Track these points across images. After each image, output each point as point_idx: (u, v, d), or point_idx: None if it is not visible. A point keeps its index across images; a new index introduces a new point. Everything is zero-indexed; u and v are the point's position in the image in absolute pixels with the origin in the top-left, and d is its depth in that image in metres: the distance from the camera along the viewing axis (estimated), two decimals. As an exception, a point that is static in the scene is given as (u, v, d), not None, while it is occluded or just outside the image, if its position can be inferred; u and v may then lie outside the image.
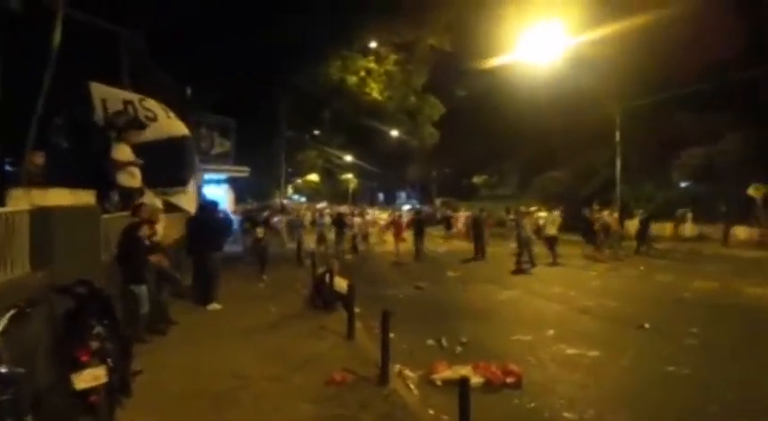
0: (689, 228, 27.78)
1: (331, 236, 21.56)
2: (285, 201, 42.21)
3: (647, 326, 9.21)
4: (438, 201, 53.24)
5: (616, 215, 22.36)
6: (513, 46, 27.58)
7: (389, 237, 23.59)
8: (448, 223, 31.12)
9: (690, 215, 27.43)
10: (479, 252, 20.61)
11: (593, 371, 7.03)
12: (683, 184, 32.09)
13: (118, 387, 4.73)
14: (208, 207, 11.64)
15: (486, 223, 21.36)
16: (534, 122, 37.24)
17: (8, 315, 3.26)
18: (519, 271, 16.51)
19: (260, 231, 15.97)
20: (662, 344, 8.33)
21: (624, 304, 11.44)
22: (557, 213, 21.05)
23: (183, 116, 11.43)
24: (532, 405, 5.90)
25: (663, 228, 29.09)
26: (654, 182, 32.26)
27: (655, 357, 7.60)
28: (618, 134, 28.51)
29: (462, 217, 31.22)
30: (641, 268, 17.00)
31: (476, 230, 21.58)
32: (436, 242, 26.55)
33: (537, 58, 26.50)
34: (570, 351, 7.94)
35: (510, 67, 30.04)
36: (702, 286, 13.51)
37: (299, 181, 64.62)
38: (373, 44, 35.46)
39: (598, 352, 7.83)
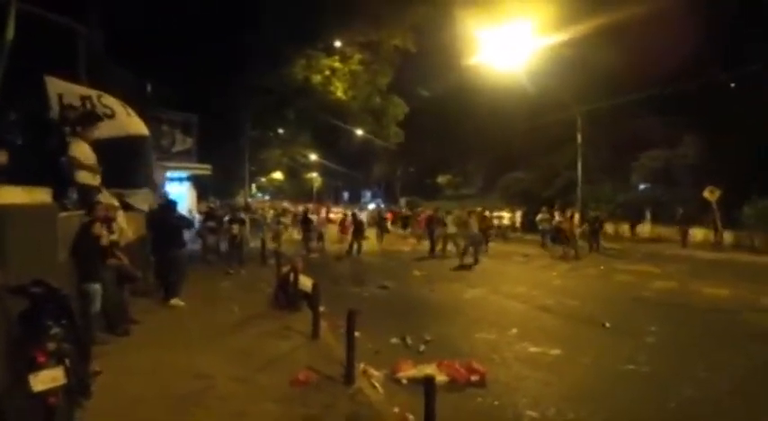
0: (647, 229, 28.51)
1: (292, 235, 21.60)
2: (249, 200, 41.80)
3: (607, 324, 9.41)
4: (403, 201, 53.43)
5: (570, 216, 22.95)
6: (477, 47, 27.81)
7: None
8: (404, 222, 31.62)
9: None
10: (433, 250, 21.52)
11: (555, 370, 7.14)
12: (641, 186, 32.87)
13: (77, 388, 4.60)
14: (167, 205, 11.48)
15: (441, 222, 21.94)
16: (498, 123, 37.72)
17: (-40, 315, 3.14)
18: (462, 267, 17.45)
19: (235, 228, 16.13)
20: (622, 342, 8.51)
21: (585, 303, 11.66)
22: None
23: (142, 112, 11.19)
24: (496, 403, 5.96)
25: (622, 229, 29.81)
26: (613, 183, 32.96)
27: (615, 355, 7.76)
28: (579, 136, 29.04)
29: (424, 216, 31.59)
30: (601, 268, 17.35)
31: (430, 229, 22.38)
32: (399, 241, 26.73)
33: (501, 59, 26.79)
34: (533, 349, 8.05)
35: (474, 68, 30.26)
36: (661, 286, 13.85)
37: (263, 179, 64.14)
38: (338, 43, 35.35)
39: (560, 350, 7.95)
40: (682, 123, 28.69)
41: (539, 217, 25.17)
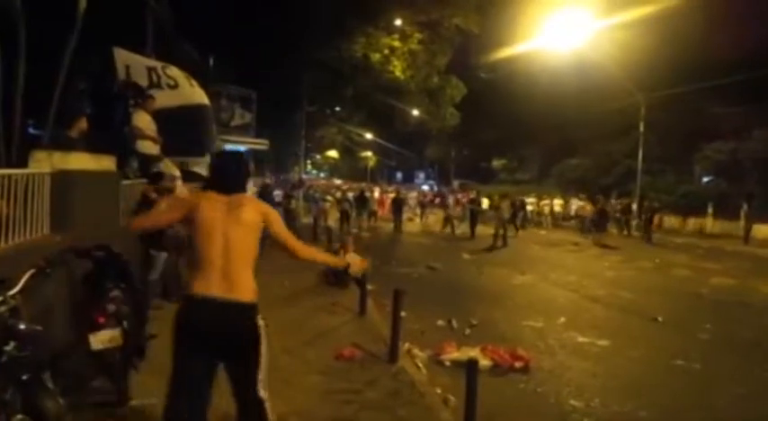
0: (709, 224, 27.49)
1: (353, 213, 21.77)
2: (304, 176, 42.35)
3: (660, 319, 9.17)
4: (456, 183, 53.09)
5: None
6: (538, 30, 27.19)
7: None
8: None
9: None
10: (474, 233, 21.94)
11: (602, 361, 7.03)
12: (705, 179, 31.65)
13: (132, 349, 4.82)
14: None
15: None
16: (557, 109, 36.86)
17: (29, 273, 3.32)
18: (492, 247, 18.78)
19: (293, 203, 16.93)
20: (674, 337, 8.31)
21: (638, 296, 11.38)
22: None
23: (204, 86, 11.47)
24: (539, 390, 5.93)
25: (682, 223, 28.84)
26: (675, 175, 31.84)
27: (666, 350, 7.57)
28: (642, 124, 28.13)
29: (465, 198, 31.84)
30: (657, 261, 16.88)
31: (472, 210, 23.00)
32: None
33: (562, 43, 26.16)
34: (580, 339, 7.94)
35: (535, 51, 29.62)
36: (719, 282, 13.38)
37: (318, 157, 64.72)
38: (398, 22, 35.05)
39: (608, 341, 7.82)
40: (753, 114, 27.31)
41: (576, 204, 27.34)
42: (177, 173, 8.76)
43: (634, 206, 27.54)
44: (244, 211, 3.24)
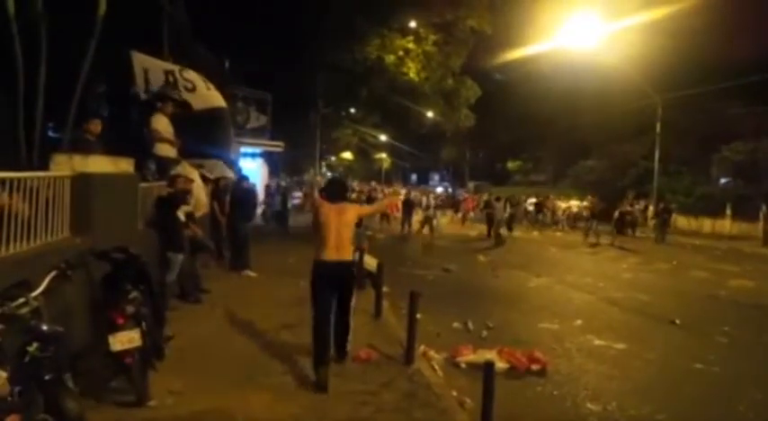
0: (727, 225, 27.19)
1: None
2: (319, 178, 42.50)
3: (677, 321, 9.07)
4: (471, 185, 52.96)
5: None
6: (553, 31, 27.07)
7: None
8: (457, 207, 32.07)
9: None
10: (490, 234, 21.68)
11: (619, 364, 6.98)
12: (722, 180, 31.29)
13: (151, 350, 4.88)
14: (240, 180, 11.98)
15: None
16: (572, 110, 36.68)
17: (50, 275, 3.37)
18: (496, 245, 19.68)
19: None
20: (692, 340, 8.23)
21: (655, 298, 11.28)
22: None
23: (220, 89, 11.57)
24: (555, 393, 5.90)
25: (700, 225, 28.55)
26: (692, 175, 31.51)
27: (683, 353, 7.50)
28: (658, 125, 27.87)
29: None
30: (674, 263, 16.72)
31: (488, 213, 22.72)
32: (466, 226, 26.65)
33: (577, 44, 26.02)
34: (597, 342, 7.89)
35: (549, 53, 29.50)
36: (738, 285, 13.23)
37: (333, 158, 64.86)
38: (413, 24, 35.07)
39: (625, 344, 7.76)
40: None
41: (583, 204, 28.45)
42: (195, 175, 8.85)
43: (651, 207, 27.40)
44: (346, 214, 5.75)
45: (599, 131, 35.96)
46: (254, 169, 24.59)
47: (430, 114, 38.42)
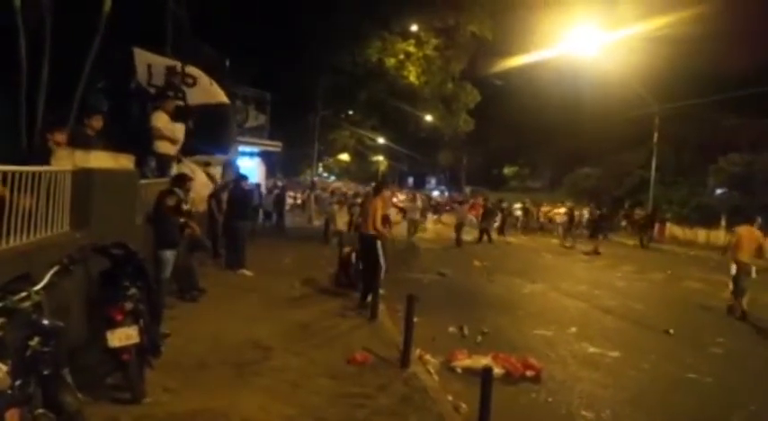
0: (723, 237, 27.28)
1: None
2: (315, 179, 42.51)
3: (671, 331, 9.09)
4: (468, 189, 53.03)
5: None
6: (553, 39, 27.19)
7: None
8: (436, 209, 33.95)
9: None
10: (482, 236, 22.74)
11: (613, 372, 7.00)
12: (718, 191, 31.41)
13: (148, 347, 4.87)
14: (238, 179, 11.95)
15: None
16: (570, 117, 36.87)
17: (53, 270, 3.37)
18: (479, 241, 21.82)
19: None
20: (685, 350, 8.25)
21: (649, 307, 11.33)
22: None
23: (221, 88, 11.58)
24: (550, 400, 5.91)
25: (695, 234, 28.65)
26: (689, 186, 31.62)
27: (677, 363, 7.53)
28: (656, 135, 27.97)
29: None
30: (668, 272, 16.77)
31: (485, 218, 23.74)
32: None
33: (577, 52, 26.12)
34: (591, 350, 7.91)
35: (549, 60, 29.62)
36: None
37: (330, 160, 64.83)
38: (414, 28, 35.14)
39: (619, 353, 7.78)
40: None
41: (554, 211, 29.78)
42: (198, 172, 8.85)
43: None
44: (375, 203, 9.09)
45: (596, 139, 36.13)
46: (251, 168, 24.56)
47: (429, 118, 38.47)
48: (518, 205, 32.95)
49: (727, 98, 25.40)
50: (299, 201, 31.73)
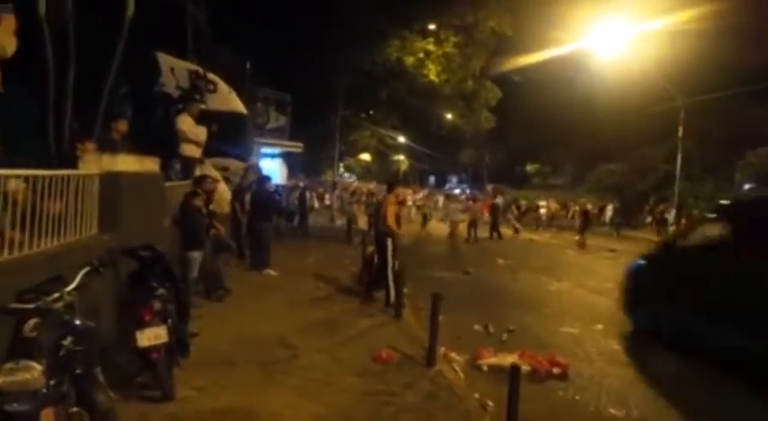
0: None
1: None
2: (337, 179, 42.62)
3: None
4: (490, 187, 52.78)
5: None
6: (574, 34, 26.94)
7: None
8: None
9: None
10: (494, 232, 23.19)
11: (642, 369, 6.90)
12: (746, 186, 30.84)
13: (176, 347, 4.93)
14: (261, 181, 12.05)
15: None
16: (592, 113, 36.44)
17: (83, 271, 3.42)
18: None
19: None
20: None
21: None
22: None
23: (241, 90, 11.70)
24: (578, 397, 5.85)
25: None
26: (716, 181, 31.08)
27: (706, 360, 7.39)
28: (681, 129, 27.55)
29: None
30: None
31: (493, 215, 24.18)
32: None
33: (598, 47, 25.84)
34: (619, 347, 7.82)
35: (570, 55, 29.36)
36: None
37: (351, 160, 64.97)
38: (433, 26, 35.09)
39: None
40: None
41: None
42: (219, 176, 8.94)
43: (672, 212, 27.26)
44: (387, 201, 9.32)
45: (619, 135, 35.67)
46: (273, 169, 24.73)
47: (449, 116, 38.37)
48: (543, 203, 32.92)
49: (753, 90, 24.89)
50: (327, 202, 31.89)
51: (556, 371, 6.36)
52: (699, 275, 7.47)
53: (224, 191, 9.20)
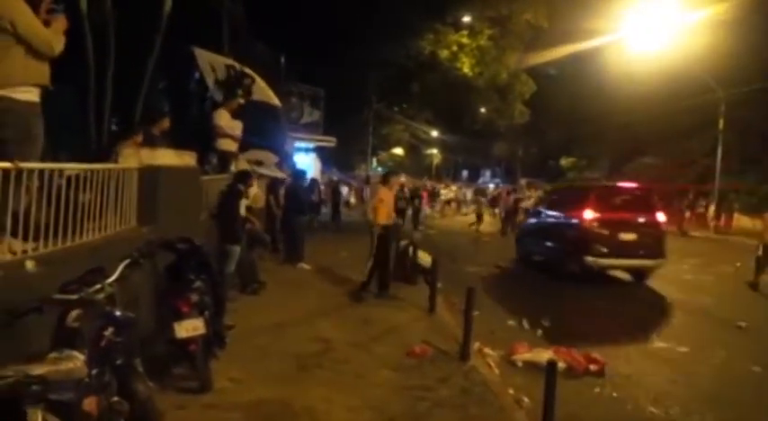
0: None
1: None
2: (370, 173, 42.69)
3: (743, 325, 8.71)
4: (523, 181, 52.23)
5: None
6: (610, 25, 26.39)
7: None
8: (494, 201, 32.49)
9: None
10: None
11: (681, 367, 6.74)
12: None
13: (213, 339, 5.00)
14: (296, 175, 12.13)
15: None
16: (628, 106, 35.63)
17: (124, 263, 3.48)
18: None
19: None
20: (758, 345, 7.87)
21: (719, 301, 10.86)
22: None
23: (275, 85, 11.78)
24: (615, 395, 5.75)
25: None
26: (758, 175, 30.17)
27: (749, 359, 7.16)
28: (721, 121, 26.79)
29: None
30: (738, 265, 16.05)
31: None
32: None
33: (635, 38, 25.28)
34: (658, 344, 7.66)
35: (605, 47, 28.79)
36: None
37: (384, 154, 65.01)
38: (467, 18, 34.75)
39: (688, 348, 7.49)
40: None
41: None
42: (256, 170, 9.05)
43: (712, 207, 26.59)
44: (379, 191, 9.17)
45: (657, 128, 34.83)
46: (307, 164, 24.88)
47: (483, 110, 38.03)
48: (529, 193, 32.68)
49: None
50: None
51: (592, 367, 6.26)
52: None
53: (257, 185, 9.30)
